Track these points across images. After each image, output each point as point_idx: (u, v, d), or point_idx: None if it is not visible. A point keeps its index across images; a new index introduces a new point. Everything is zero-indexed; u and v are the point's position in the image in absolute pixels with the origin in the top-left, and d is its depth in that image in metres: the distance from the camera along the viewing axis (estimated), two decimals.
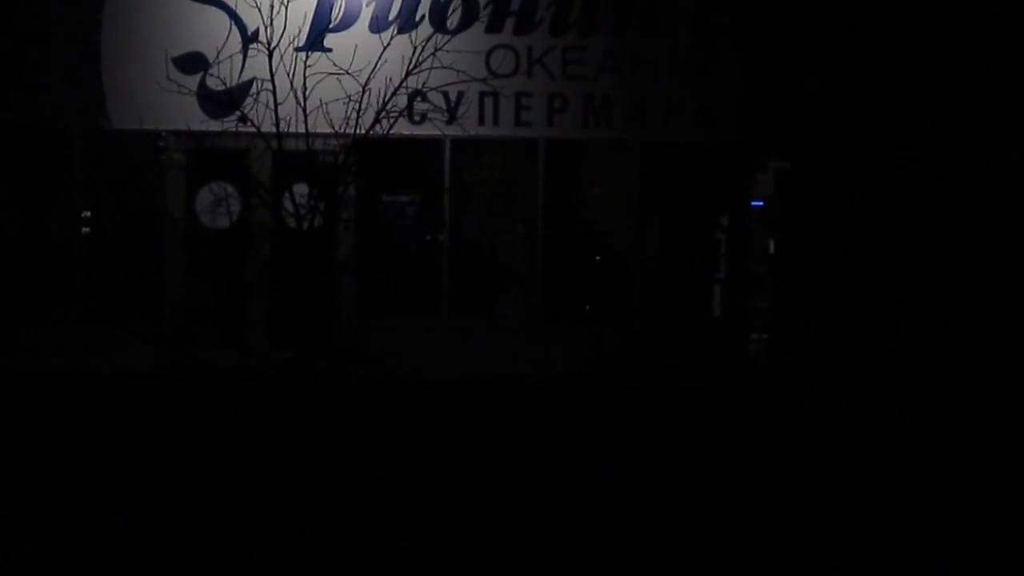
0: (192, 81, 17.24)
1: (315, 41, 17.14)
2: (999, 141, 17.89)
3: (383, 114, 15.27)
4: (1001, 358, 17.29)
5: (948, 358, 17.45)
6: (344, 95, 15.57)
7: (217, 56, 17.13)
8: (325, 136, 15.40)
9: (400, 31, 16.96)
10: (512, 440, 13.24)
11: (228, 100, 16.10)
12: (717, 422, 14.54)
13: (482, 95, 17.72)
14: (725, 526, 10.09)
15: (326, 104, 15.32)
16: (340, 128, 15.30)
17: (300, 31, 16.89)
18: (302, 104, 14.82)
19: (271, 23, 15.70)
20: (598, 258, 18.58)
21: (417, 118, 17.26)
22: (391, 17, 17.50)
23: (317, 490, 10.88)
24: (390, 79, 15.64)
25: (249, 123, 15.43)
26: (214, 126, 16.71)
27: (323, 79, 15.43)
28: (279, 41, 15.37)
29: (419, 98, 16.75)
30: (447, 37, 16.90)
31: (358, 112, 15.20)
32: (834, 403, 15.85)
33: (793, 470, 12.13)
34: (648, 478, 11.71)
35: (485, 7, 17.90)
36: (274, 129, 14.81)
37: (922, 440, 13.78)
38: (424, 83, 16.22)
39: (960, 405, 15.72)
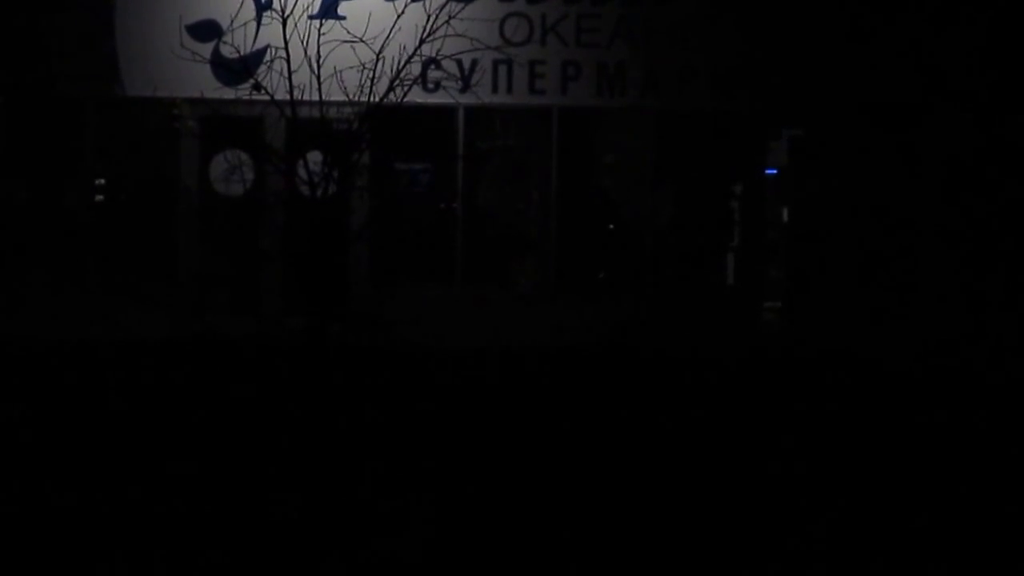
0: (206, 49, 17.22)
1: (329, 9, 17.16)
2: (1015, 104, 17.82)
3: (397, 82, 15.27)
4: (1019, 325, 17.28)
5: (963, 325, 17.44)
6: (358, 63, 15.57)
7: (231, 24, 17.11)
8: (339, 104, 15.39)
9: None
10: (523, 407, 13.26)
11: (242, 68, 16.11)
12: (733, 389, 14.56)
13: (496, 63, 17.69)
14: (745, 497, 10.11)
15: (340, 72, 15.31)
16: (354, 96, 15.29)
17: None
18: (316, 72, 14.81)
19: None
20: (612, 226, 18.57)
21: (431, 86, 17.26)
22: None
23: (326, 455, 10.92)
24: (404, 47, 15.63)
25: (263, 91, 15.45)
26: (228, 94, 16.73)
27: (337, 47, 15.42)
28: (293, 9, 15.36)
29: (433, 66, 16.77)
30: (461, 5, 16.88)
31: (372, 80, 15.20)
32: (849, 370, 15.84)
33: (809, 436, 12.14)
34: (664, 445, 11.73)
35: None
36: (288, 97, 14.81)
37: (934, 406, 13.78)
38: (438, 51, 16.21)
39: (971, 375, 15.69)
